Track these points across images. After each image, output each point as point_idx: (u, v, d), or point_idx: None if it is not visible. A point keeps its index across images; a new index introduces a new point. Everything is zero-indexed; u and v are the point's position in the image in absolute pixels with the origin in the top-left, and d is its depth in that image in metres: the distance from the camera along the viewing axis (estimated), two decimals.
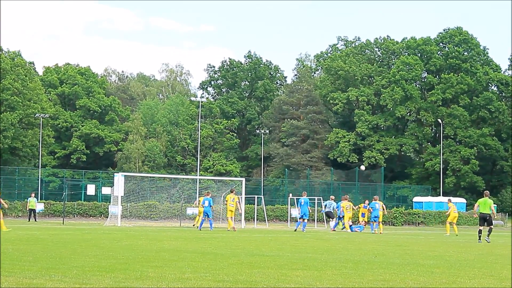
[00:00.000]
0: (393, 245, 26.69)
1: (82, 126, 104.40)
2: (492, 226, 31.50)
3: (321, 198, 58.39)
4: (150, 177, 62.55)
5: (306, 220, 41.09)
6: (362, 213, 46.27)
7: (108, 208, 53.02)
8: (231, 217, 39.74)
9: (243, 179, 53.53)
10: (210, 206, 40.05)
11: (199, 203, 44.73)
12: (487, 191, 33.34)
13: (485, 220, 31.15)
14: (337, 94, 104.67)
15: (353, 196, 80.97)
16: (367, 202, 47.25)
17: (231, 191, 41.09)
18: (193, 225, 45.94)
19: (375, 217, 43.55)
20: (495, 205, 71.03)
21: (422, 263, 17.16)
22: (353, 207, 46.67)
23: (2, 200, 34.14)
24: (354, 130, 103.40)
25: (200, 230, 38.63)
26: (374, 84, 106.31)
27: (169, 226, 45.57)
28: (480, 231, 31.17)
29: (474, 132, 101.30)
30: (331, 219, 47.50)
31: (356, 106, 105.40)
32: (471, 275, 14.16)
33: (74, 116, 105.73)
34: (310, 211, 43.51)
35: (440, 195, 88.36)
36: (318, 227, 51.89)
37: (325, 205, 48.59)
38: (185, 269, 13.73)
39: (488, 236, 31.06)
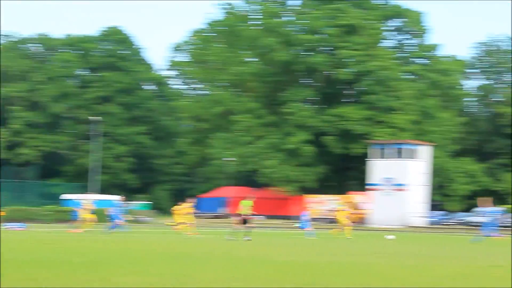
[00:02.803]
0: (38, 242, 26.42)
1: None
2: (248, 225, 33.65)
3: None
4: None
5: None
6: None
7: None
8: None
9: None
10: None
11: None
12: (249, 194, 36.11)
13: (243, 220, 33.82)
14: None
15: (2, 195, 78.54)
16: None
17: None
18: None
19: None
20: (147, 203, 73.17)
21: (70, 261, 17.25)
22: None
23: None
24: (8, 126, 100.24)
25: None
26: (30, 80, 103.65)
27: None
28: (241, 230, 33.51)
29: (129, 130, 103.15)
30: None
31: (10, 102, 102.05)
32: (121, 273, 14.57)
33: None
34: None
35: (87, 192, 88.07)
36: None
37: None
38: None
39: (245, 236, 32.73)
